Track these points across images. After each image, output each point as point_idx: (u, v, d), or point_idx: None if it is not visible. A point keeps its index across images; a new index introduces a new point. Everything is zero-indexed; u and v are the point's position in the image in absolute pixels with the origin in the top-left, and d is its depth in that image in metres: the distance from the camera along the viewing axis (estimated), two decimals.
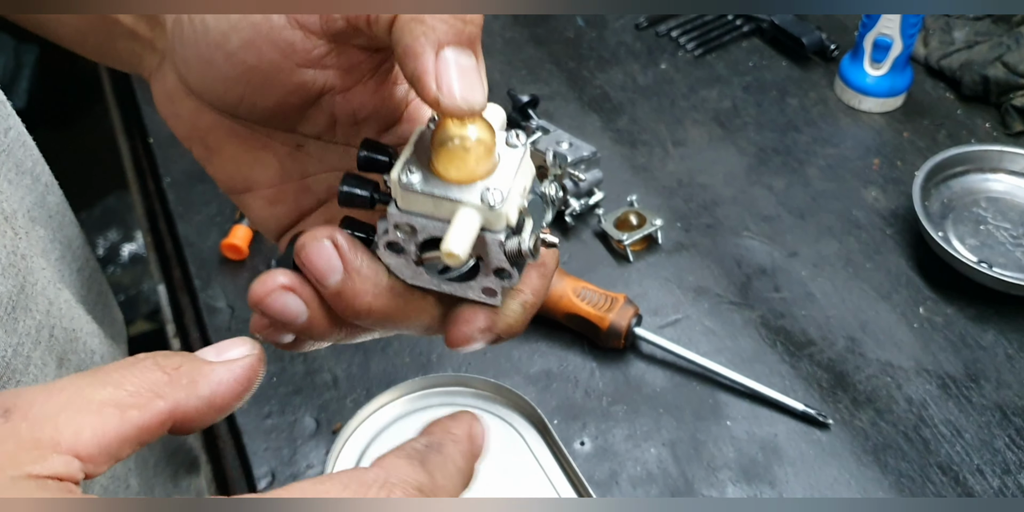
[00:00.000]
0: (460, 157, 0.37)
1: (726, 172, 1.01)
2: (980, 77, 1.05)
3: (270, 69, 0.40)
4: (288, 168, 0.45)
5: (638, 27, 1.17)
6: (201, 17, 0.39)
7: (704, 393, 0.82)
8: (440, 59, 0.35)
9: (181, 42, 0.41)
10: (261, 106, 0.42)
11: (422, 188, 0.37)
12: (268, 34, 0.39)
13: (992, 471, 0.77)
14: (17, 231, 0.46)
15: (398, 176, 0.37)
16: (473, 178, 0.37)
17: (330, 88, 0.41)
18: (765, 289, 0.90)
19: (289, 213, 0.46)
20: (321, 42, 0.39)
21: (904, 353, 0.85)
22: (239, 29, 0.39)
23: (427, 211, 0.38)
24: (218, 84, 0.41)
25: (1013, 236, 0.92)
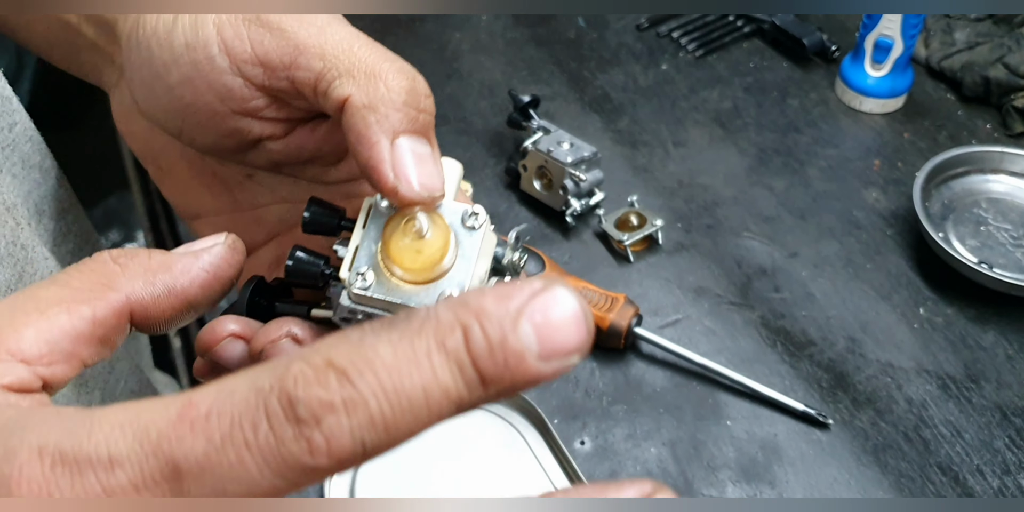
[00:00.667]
0: (415, 259, 0.35)
1: (727, 173, 1.01)
2: (981, 78, 1.05)
3: (205, 110, 0.38)
4: (238, 197, 0.44)
5: (639, 28, 1.17)
6: (147, 43, 0.38)
7: (704, 393, 0.82)
8: (396, 148, 0.34)
9: (130, 63, 0.40)
10: (200, 142, 0.41)
11: (375, 294, 0.35)
12: (207, 75, 0.37)
13: (992, 471, 0.77)
14: (19, 221, 0.46)
15: (348, 281, 0.35)
16: (429, 279, 0.36)
17: (267, 136, 0.40)
18: (765, 289, 0.90)
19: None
20: (260, 95, 0.38)
21: (904, 353, 0.85)
22: (180, 64, 0.38)
23: (379, 307, 0.36)
24: (159, 111, 0.40)
25: (1013, 237, 0.92)
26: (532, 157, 0.93)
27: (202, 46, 0.37)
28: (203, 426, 0.23)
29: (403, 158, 0.34)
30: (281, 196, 0.44)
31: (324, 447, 0.22)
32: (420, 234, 0.34)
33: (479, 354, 0.23)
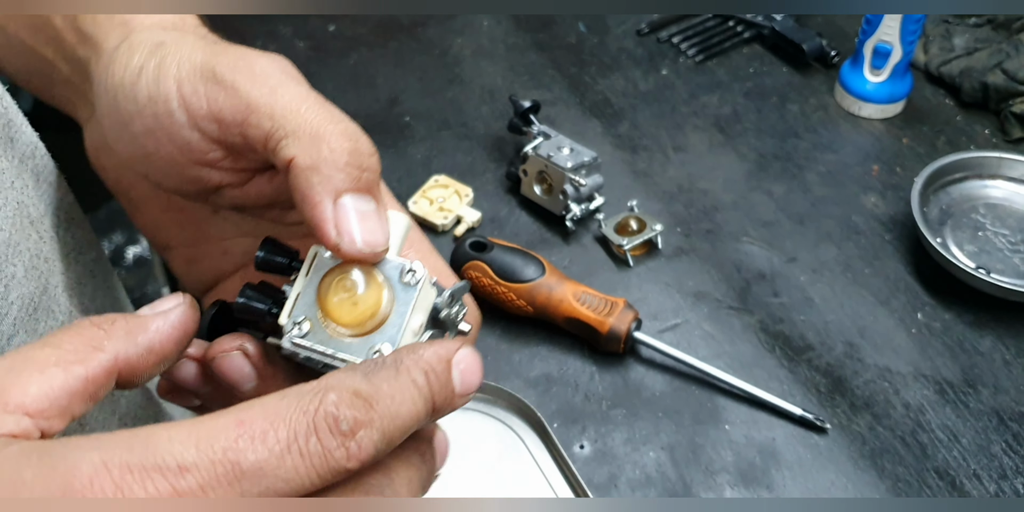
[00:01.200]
0: (350, 312, 0.37)
1: (726, 178, 1.01)
2: (980, 84, 1.05)
3: (167, 159, 0.40)
4: (205, 230, 0.46)
5: (639, 33, 1.18)
6: (114, 93, 0.40)
7: (703, 397, 0.83)
8: (338, 207, 0.36)
9: (100, 107, 0.42)
10: (165, 185, 0.42)
11: (309, 343, 0.37)
12: (168, 128, 0.39)
13: (989, 476, 0.77)
14: (42, 235, 0.47)
15: (286, 329, 0.37)
16: (363, 332, 0.37)
17: (227, 184, 0.41)
18: (764, 294, 0.90)
19: (207, 272, 0.47)
20: (217, 148, 0.39)
21: (902, 358, 0.85)
22: (143, 116, 0.39)
23: (315, 353, 0.37)
24: (125, 154, 0.42)
25: (1011, 242, 0.92)
26: (532, 162, 0.93)
27: (163, 100, 0.39)
28: (263, 439, 0.29)
29: (346, 216, 0.36)
30: (245, 231, 0.46)
31: (357, 454, 0.30)
32: (354, 290, 0.37)
33: (435, 391, 0.33)
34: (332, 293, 0.37)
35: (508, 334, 0.87)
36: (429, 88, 1.10)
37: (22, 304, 0.43)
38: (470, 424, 0.78)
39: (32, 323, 0.44)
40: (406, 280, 0.38)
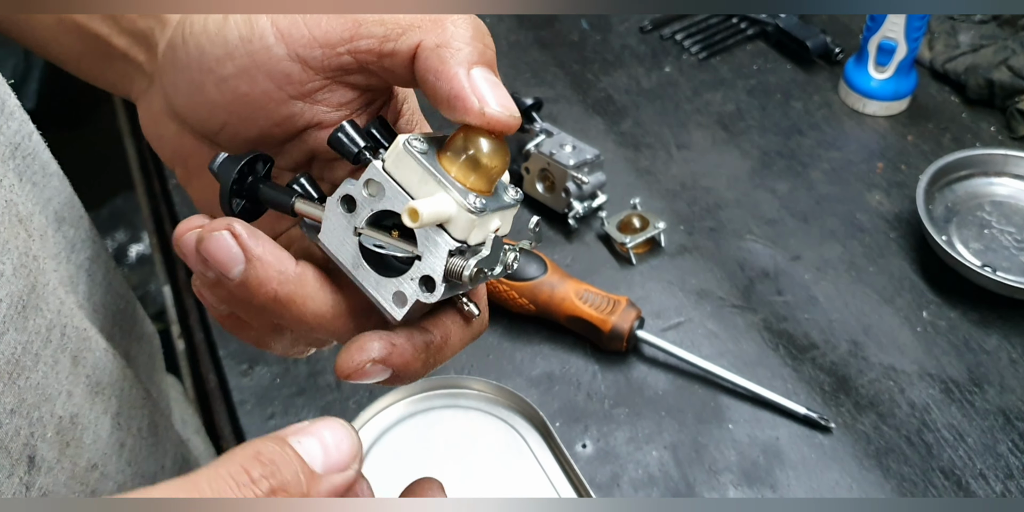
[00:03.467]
0: (473, 166, 0.37)
1: (729, 175, 1.01)
2: (985, 81, 1.05)
3: (260, 98, 0.40)
4: None
5: (642, 30, 1.17)
6: (196, 41, 0.40)
7: (706, 396, 0.82)
8: (472, 77, 0.36)
9: (173, 65, 0.41)
10: (243, 136, 0.42)
11: (426, 160, 0.36)
12: (265, 64, 0.39)
13: (995, 476, 0.77)
14: (31, 233, 0.46)
15: (407, 139, 0.36)
16: (468, 186, 0.37)
17: (316, 123, 0.41)
18: (768, 292, 0.90)
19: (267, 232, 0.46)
20: (317, 77, 0.39)
21: (907, 357, 0.85)
22: (235, 57, 0.39)
23: (408, 182, 0.37)
24: (203, 109, 0.41)
25: (1017, 240, 0.92)
26: (535, 159, 0.93)
27: (258, 37, 0.39)
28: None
29: (481, 85, 0.36)
30: None
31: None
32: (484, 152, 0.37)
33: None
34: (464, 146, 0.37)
35: (510, 333, 0.86)
36: None
37: (11, 302, 0.43)
38: (472, 423, 0.78)
39: (21, 321, 0.44)
40: (512, 196, 0.39)
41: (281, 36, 0.39)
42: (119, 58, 0.46)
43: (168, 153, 0.45)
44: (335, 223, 0.38)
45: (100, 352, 0.53)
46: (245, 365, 0.84)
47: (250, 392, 0.83)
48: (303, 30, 0.38)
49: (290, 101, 0.40)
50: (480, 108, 0.36)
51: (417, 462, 0.74)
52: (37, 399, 0.46)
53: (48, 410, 0.47)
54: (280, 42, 0.39)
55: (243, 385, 0.83)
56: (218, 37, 0.39)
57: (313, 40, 0.38)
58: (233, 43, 0.39)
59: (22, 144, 0.49)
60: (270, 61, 0.39)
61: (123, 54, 0.45)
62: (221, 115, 0.41)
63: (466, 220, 0.36)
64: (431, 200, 0.36)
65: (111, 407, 0.54)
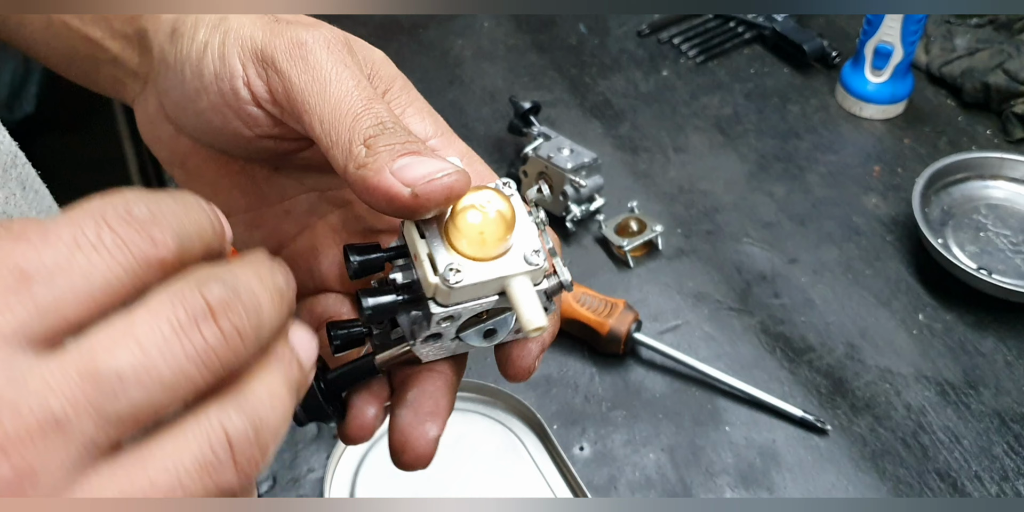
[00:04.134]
0: (485, 236, 0.36)
1: (727, 178, 1.01)
2: (981, 84, 1.05)
3: (233, 133, 0.41)
4: (266, 192, 0.45)
5: (640, 34, 1.18)
6: (181, 67, 0.40)
7: (703, 399, 0.83)
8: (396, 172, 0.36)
9: (164, 80, 0.42)
10: (231, 152, 0.43)
11: (470, 282, 0.36)
12: (233, 105, 0.39)
13: (990, 478, 0.77)
14: None
15: (442, 280, 0.36)
16: (506, 248, 0.37)
17: (294, 150, 0.42)
18: (765, 295, 0.90)
19: (271, 236, 0.46)
20: (281, 123, 0.40)
21: (903, 359, 0.85)
22: (209, 92, 0.40)
23: (470, 297, 0.37)
24: (189, 126, 0.42)
25: (1013, 243, 0.92)
26: (533, 163, 0.93)
27: (228, 78, 0.39)
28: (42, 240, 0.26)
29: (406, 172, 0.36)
30: (310, 186, 0.46)
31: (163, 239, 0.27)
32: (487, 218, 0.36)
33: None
34: (467, 228, 0.36)
35: None
36: (429, 89, 1.09)
37: None
38: (470, 426, 0.78)
39: None
40: (507, 193, 0.38)
41: (248, 82, 0.39)
42: (110, 62, 0.46)
43: (166, 154, 0.45)
44: (428, 350, 0.39)
45: None
46: None
47: None
48: (264, 87, 0.39)
49: (259, 139, 0.41)
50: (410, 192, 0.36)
51: None
52: None
53: None
54: (247, 88, 0.39)
55: None
56: (196, 69, 0.40)
57: (270, 99, 0.39)
58: (208, 79, 0.39)
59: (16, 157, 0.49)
60: (239, 103, 0.39)
61: (115, 57, 0.45)
62: (206, 137, 0.42)
63: (539, 271, 0.37)
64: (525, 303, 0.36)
65: None
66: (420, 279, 0.37)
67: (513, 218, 0.37)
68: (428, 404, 0.40)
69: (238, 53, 0.39)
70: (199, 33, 0.40)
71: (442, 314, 0.37)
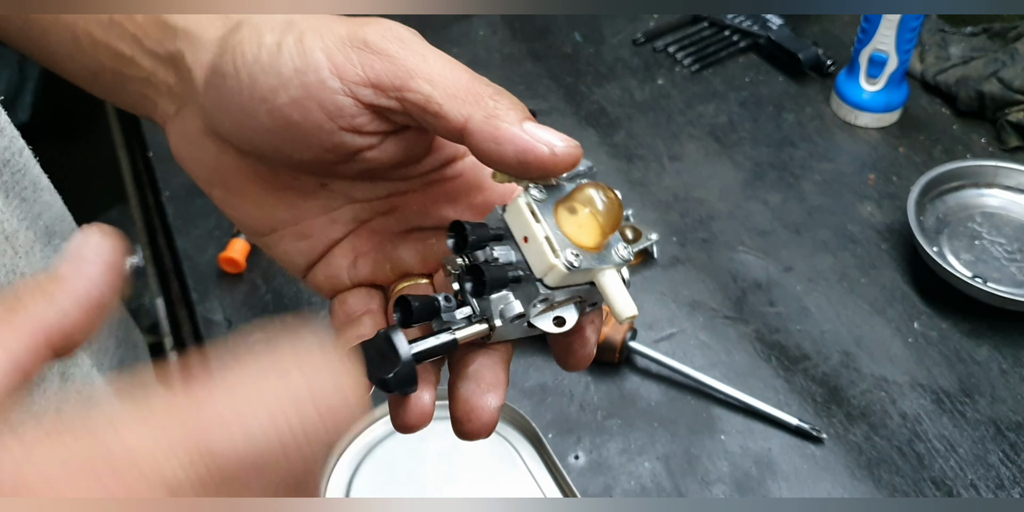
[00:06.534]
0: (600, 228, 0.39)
1: (722, 187, 1.01)
2: (976, 93, 1.05)
3: (312, 128, 0.41)
4: (312, 205, 0.46)
5: (635, 43, 1.18)
6: (249, 70, 0.40)
7: (699, 407, 0.82)
8: (527, 131, 0.39)
9: (220, 92, 0.42)
10: (296, 158, 0.43)
11: (585, 267, 0.39)
12: (318, 96, 0.40)
13: (986, 486, 0.77)
14: (17, 250, 0.46)
15: (565, 262, 0.38)
16: (606, 241, 0.40)
17: (367, 147, 0.42)
18: (760, 303, 0.90)
19: (315, 247, 0.47)
20: (366, 112, 0.41)
21: (898, 368, 0.85)
22: (289, 87, 0.40)
23: (571, 282, 0.40)
24: (254, 134, 0.42)
25: (1008, 251, 0.92)
26: None
27: (312, 70, 0.40)
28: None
29: (539, 133, 0.39)
30: (355, 198, 0.46)
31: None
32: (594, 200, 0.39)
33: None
34: (574, 214, 0.39)
35: None
36: None
37: None
38: None
39: None
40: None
41: (336, 71, 0.40)
42: (140, 80, 0.45)
43: (205, 175, 0.45)
44: (506, 329, 0.41)
45: (87, 368, 0.52)
46: None
47: None
48: (357, 70, 0.40)
49: (340, 131, 0.41)
50: (551, 150, 0.38)
51: (410, 474, 0.74)
52: (22, 417, 0.46)
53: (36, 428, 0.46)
54: (335, 77, 0.40)
55: None
56: (271, 67, 0.40)
57: (366, 79, 0.40)
58: (287, 75, 0.40)
59: (11, 160, 0.49)
60: (324, 93, 0.40)
61: (146, 77, 0.45)
62: (273, 140, 0.42)
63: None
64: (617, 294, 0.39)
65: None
66: (530, 260, 0.39)
67: (621, 215, 0.40)
68: (488, 376, 0.42)
69: (320, 47, 0.40)
70: (264, 38, 0.41)
71: (546, 295, 0.40)
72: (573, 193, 0.40)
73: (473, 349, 0.43)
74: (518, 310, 0.40)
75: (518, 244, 0.40)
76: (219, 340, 0.88)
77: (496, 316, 0.41)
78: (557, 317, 0.41)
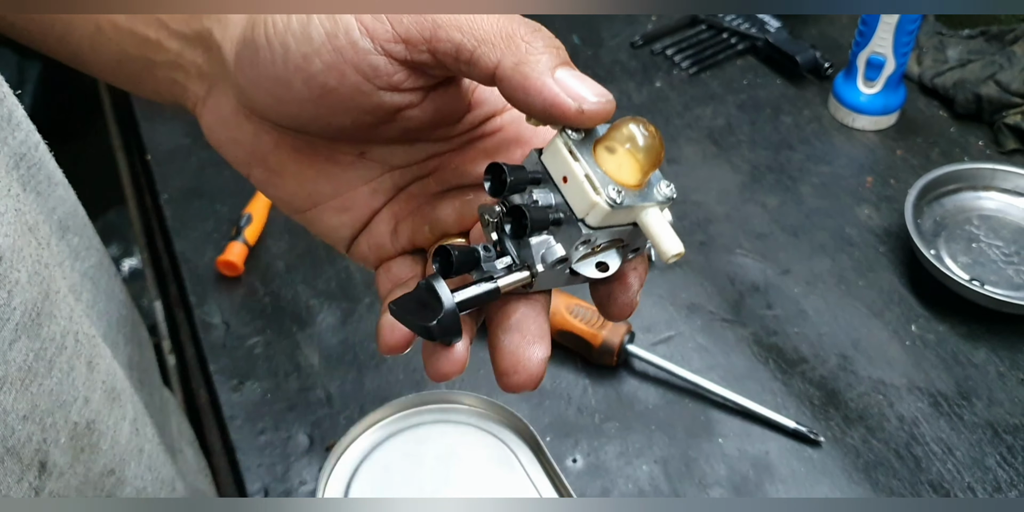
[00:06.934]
0: (642, 164, 0.38)
1: (720, 190, 1.01)
2: (973, 95, 1.05)
3: (350, 92, 0.41)
4: (352, 177, 0.46)
5: (633, 45, 1.18)
6: (281, 39, 0.40)
7: (696, 410, 0.82)
8: (559, 81, 0.38)
9: (253, 64, 0.41)
10: (335, 125, 0.43)
11: (628, 204, 0.38)
12: (352, 58, 0.40)
13: (983, 489, 0.77)
14: (40, 242, 0.46)
15: (607, 199, 0.37)
16: (647, 178, 0.38)
17: (407, 105, 0.42)
18: (758, 306, 0.90)
19: (358, 218, 0.47)
20: (402, 68, 0.40)
21: (896, 371, 0.85)
22: (322, 53, 0.40)
23: (614, 222, 0.38)
24: (292, 106, 0.42)
25: (1005, 254, 0.92)
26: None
27: (343, 32, 0.39)
28: None
29: (571, 84, 0.38)
30: (394, 164, 0.46)
31: None
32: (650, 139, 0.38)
33: None
34: (614, 153, 0.38)
35: None
36: None
37: (24, 309, 0.43)
38: (462, 438, 0.78)
39: (35, 328, 0.44)
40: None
41: (367, 31, 0.39)
42: (168, 64, 0.45)
43: (244, 156, 0.45)
44: (547, 275, 0.40)
45: (109, 359, 0.53)
46: (235, 380, 0.85)
47: (240, 407, 0.83)
48: (386, 26, 0.39)
49: (378, 91, 0.41)
50: (579, 106, 0.37)
51: (408, 477, 0.74)
52: (51, 405, 0.46)
53: (62, 416, 0.47)
54: (366, 37, 0.39)
55: (233, 400, 0.83)
56: (303, 35, 0.40)
57: (396, 36, 0.39)
58: (319, 40, 0.40)
59: (28, 154, 0.49)
60: (357, 55, 0.39)
61: (174, 59, 0.45)
62: (311, 109, 0.42)
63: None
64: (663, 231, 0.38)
65: (128, 413, 0.54)
66: (571, 201, 0.38)
67: (663, 150, 0.38)
68: (532, 327, 0.41)
69: (349, 10, 0.40)
70: (292, 6, 0.41)
71: (588, 236, 0.38)
72: (611, 131, 0.38)
73: (513, 299, 0.42)
74: (560, 254, 0.39)
75: (557, 186, 0.39)
76: (216, 343, 0.88)
77: (538, 262, 0.39)
78: (600, 263, 0.40)
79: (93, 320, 0.55)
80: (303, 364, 0.86)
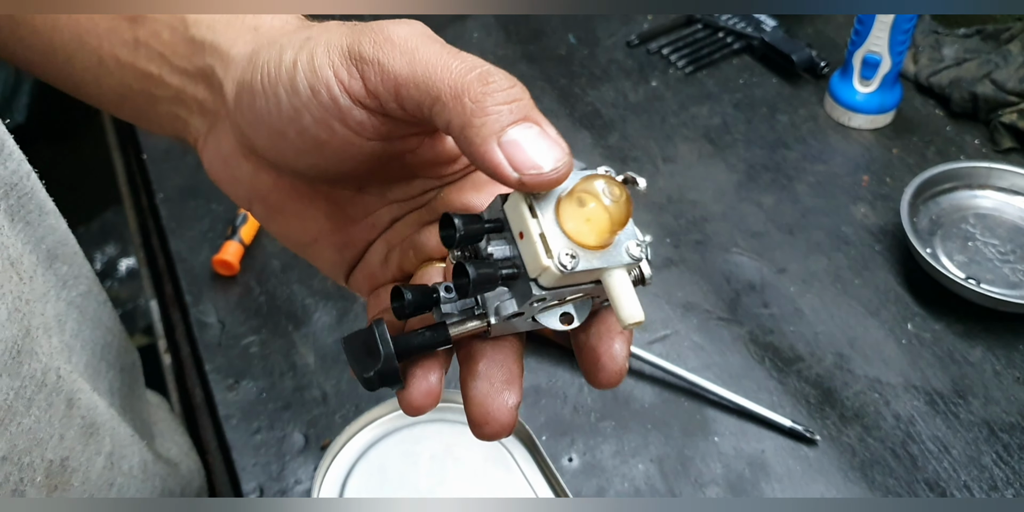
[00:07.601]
0: (605, 225, 0.36)
1: (716, 188, 1.01)
2: (969, 94, 1.05)
3: (342, 144, 0.40)
4: (351, 212, 0.46)
5: (629, 45, 1.18)
6: (274, 90, 0.40)
7: (692, 409, 0.82)
8: (503, 146, 0.36)
9: (252, 110, 0.41)
10: (334, 171, 0.42)
11: (582, 268, 0.36)
12: (337, 114, 0.39)
13: (979, 487, 0.77)
14: (22, 276, 0.46)
15: (557, 264, 0.36)
16: (614, 238, 0.37)
17: (406, 150, 0.42)
18: (754, 305, 0.90)
19: (356, 253, 0.47)
20: (388, 121, 0.40)
21: (892, 369, 0.85)
22: (310, 108, 0.39)
23: (571, 283, 0.37)
24: (288, 154, 0.42)
25: (1001, 252, 0.92)
26: None
27: (325, 88, 0.39)
28: None
29: (518, 149, 0.36)
30: (391, 199, 0.46)
31: None
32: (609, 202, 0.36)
33: None
34: (577, 209, 0.36)
35: None
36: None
37: (5, 348, 0.43)
38: (457, 437, 0.78)
39: (15, 366, 0.43)
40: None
41: (344, 88, 0.39)
42: (169, 99, 0.45)
43: (244, 193, 0.45)
44: (503, 326, 0.39)
45: (88, 392, 0.52)
46: (231, 380, 0.84)
47: (236, 407, 0.83)
48: (358, 83, 0.39)
49: (371, 142, 0.41)
50: (518, 178, 0.36)
51: (403, 477, 0.74)
52: (28, 444, 0.45)
53: (39, 454, 0.46)
54: (344, 93, 0.39)
55: (229, 400, 0.83)
56: (291, 88, 0.40)
57: (366, 92, 0.39)
58: (306, 95, 0.39)
59: (19, 184, 0.49)
60: (341, 111, 0.39)
61: (176, 94, 0.45)
62: (308, 158, 0.42)
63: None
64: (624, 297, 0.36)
65: (104, 447, 0.53)
66: (525, 259, 0.37)
67: (630, 210, 0.36)
68: (501, 373, 0.40)
69: (328, 63, 0.39)
70: (285, 54, 0.40)
71: (541, 296, 0.37)
72: (577, 187, 0.36)
73: (480, 341, 0.41)
74: (512, 309, 0.38)
75: (515, 238, 0.37)
76: (212, 343, 0.88)
77: (491, 313, 0.38)
78: (565, 314, 0.39)
79: (76, 350, 0.54)
80: (299, 363, 0.86)
